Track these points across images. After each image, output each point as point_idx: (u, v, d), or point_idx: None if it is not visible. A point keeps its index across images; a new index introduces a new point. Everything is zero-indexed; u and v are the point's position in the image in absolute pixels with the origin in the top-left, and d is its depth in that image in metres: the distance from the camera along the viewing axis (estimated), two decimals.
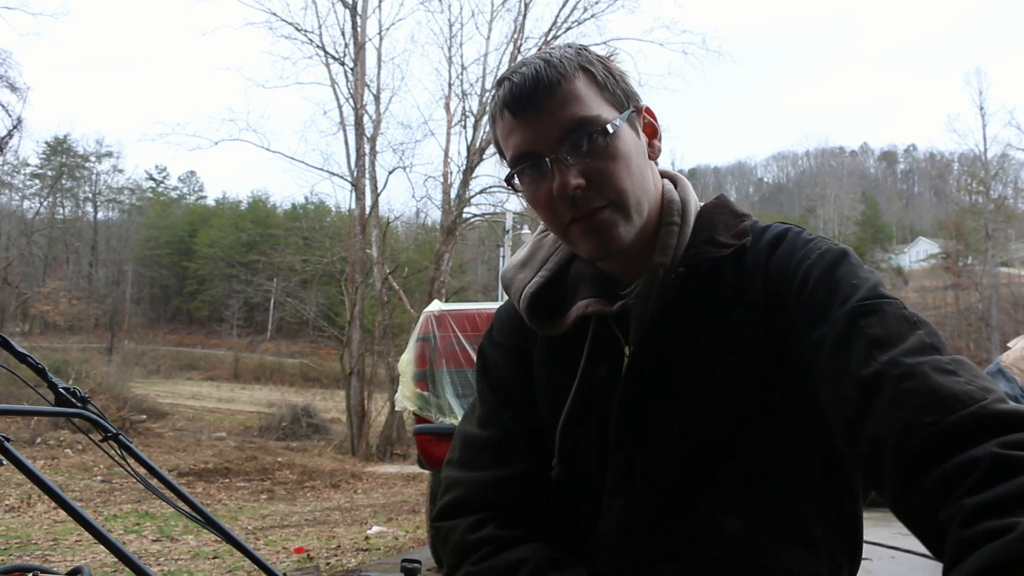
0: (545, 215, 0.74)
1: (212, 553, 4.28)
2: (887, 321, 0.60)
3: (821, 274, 0.66)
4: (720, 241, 0.71)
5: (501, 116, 0.72)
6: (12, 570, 2.05)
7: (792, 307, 0.66)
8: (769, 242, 0.71)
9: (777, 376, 0.65)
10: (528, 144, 0.70)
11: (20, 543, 4.40)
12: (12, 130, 12.54)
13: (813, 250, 0.69)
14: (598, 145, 0.68)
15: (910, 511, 0.50)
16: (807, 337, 0.63)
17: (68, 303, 25.36)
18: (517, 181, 0.74)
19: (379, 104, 14.18)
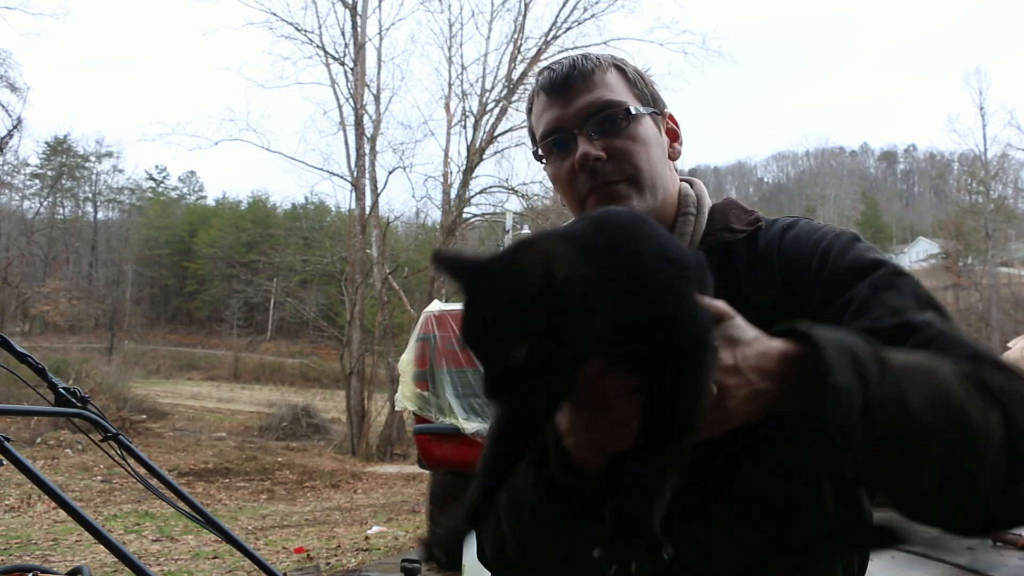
0: (565, 189, 0.77)
1: (212, 553, 4.28)
2: (904, 296, 0.64)
3: (840, 252, 0.69)
4: (734, 228, 0.75)
5: (537, 98, 0.79)
6: (12, 570, 2.06)
7: (813, 282, 0.68)
8: (782, 227, 0.75)
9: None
10: (557, 121, 0.75)
11: (20, 543, 4.40)
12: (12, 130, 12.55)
13: (828, 232, 0.73)
14: (621, 125, 0.74)
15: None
16: (827, 309, 0.65)
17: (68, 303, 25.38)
18: (545, 157, 0.78)
19: (379, 104, 14.18)
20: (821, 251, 0.70)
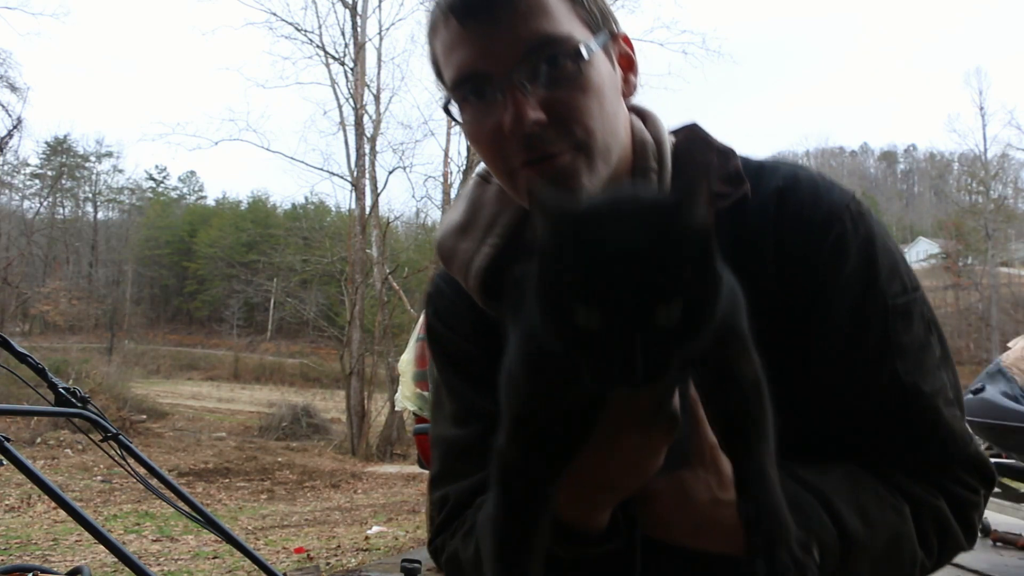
0: (489, 155, 0.60)
1: (212, 553, 4.28)
2: (914, 329, 0.61)
3: (858, 252, 0.59)
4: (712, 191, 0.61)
5: (444, 23, 0.58)
6: (12, 570, 2.06)
7: (817, 288, 0.59)
8: (777, 189, 0.61)
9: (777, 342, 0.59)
10: (476, 62, 0.56)
11: (20, 543, 4.40)
12: (12, 130, 12.55)
13: (840, 210, 0.60)
14: (567, 72, 0.55)
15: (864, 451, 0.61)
16: (831, 314, 0.59)
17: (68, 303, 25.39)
18: (457, 110, 0.60)
19: (379, 104, 14.17)
20: (835, 242, 0.59)
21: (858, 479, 0.58)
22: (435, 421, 0.75)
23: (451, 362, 0.72)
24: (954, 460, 0.61)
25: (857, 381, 0.60)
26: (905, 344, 0.60)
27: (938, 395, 0.61)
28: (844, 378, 0.60)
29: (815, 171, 0.65)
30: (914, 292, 0.62)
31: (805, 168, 0.65)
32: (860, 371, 0.59)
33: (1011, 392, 2.76)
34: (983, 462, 0.63)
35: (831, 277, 0.59)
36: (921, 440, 0.60)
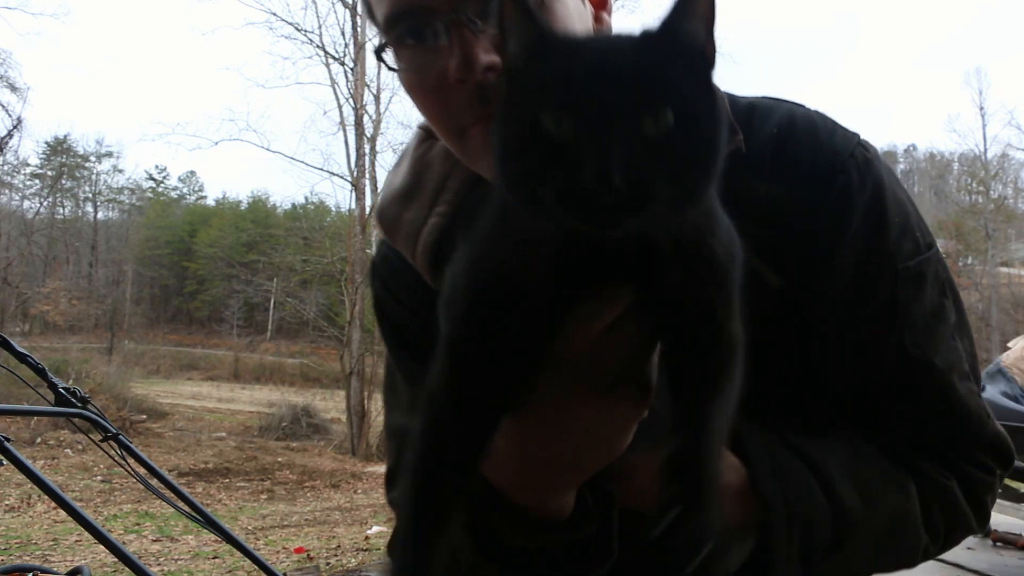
0: (432, 110, 0.53)
1: (212, 553, 4.28)
2: (925, 295, 0.56)
3: (866, 208, 0.54)
4: None
5: None
6: (12, 570, 2.06)
7: (824, 240, 0.53)
8: (770, 138, 0.55)
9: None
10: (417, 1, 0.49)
11: (20, 543, 4.40)
12: (12, 130, 12.56)
13: (844, 159, 0.54)
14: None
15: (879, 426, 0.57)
16: (834, 279, 0.54)
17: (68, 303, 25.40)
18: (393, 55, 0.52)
19: (379, 104, 14.17)
20: (836, 203, 0.52)
21: (861, 453, 0.54)
22: (389, 408, 0.68)
23: (403, 340, 0.65)
24: (968, 439, 0.57)
25: (862, 353, 0.55)
26: (915, 313, 0.55)
27: (952, 369, 0.56)
28: (848, 349, 0.55)
29: (814, 112, 0.57)
30: (928, 251, 0.56)
31: (802, 107, 0.58)
32: (865, 342, 0.54)
33: (1011, 392, 2.76)
34: (1001, 442, 0.59)
35: (834, 237, 0.53)
36: (932, 417, 0.56)
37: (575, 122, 0.35)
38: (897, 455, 0.56)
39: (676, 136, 0.35)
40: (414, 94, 0.53)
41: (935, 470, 0.57)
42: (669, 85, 0.36)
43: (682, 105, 0.35)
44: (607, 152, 0.33)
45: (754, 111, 0.56)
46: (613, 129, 0.34)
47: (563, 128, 0.35)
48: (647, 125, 0.35)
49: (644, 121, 0.35)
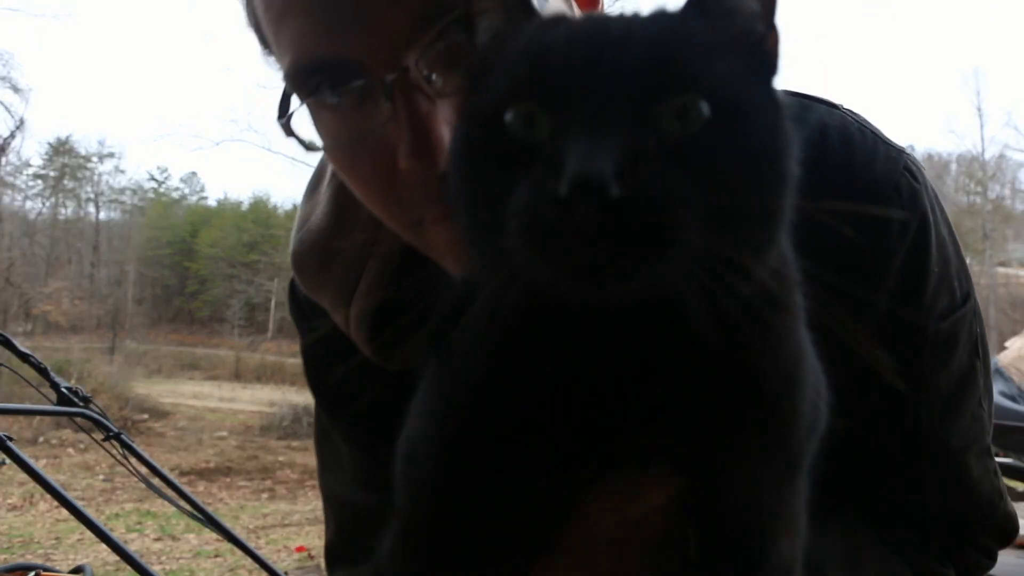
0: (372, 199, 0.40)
1: (214, 552, 4.30)
2: (954, 360, 0.49)
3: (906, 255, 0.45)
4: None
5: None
6: (15, 568, 2.09)
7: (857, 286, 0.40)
8: (820, 135, 0.45)
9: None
10: (331, 46, 0.34)
11: (23, 542, 4.42)
12: (15, 131, 12.60)
13: (887, 190, 0.44)
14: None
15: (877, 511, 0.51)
16: (865, 308, 0.44)
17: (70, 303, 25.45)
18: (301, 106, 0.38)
19: None
20: (872, 246, 0.44)
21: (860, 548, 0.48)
22: (324, 465, 0.58)
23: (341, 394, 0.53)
24: (975, 525, 0.53)
25: (870, 429, 0.47)
26: (940, 383, 0.48)
27: (968, 449, 0.51)
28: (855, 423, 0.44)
29: (852, 120, 0.46)
30: (964, 304, 0.49)
31: (838, 113, 0.46)
32: (876, 416, 0.47)
33: (1009, 391, 2.78)
34: (1009, 523, 0.55)
35: (865, 290, 0.42)
36: (940, 503, 0.51)
37: (552, 116, 0.24)
38: (897, 543, 0.50)
39: (715, 139, 0.23)
40: (341, 171, 0.39)
41: (935, 561, 0.51)
42: (703, 65, 0.24)
43: (724, 96, 0.24)
44: (596, 150, 0.21)
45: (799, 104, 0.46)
46: (610, 121, 0.22)
47: (535, 127, 0.24)
48: (665, 118, 0.23)
49: (660, 111, 0.23)
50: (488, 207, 0.25)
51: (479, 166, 0.26)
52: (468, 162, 0.26)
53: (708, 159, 0.23)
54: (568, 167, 0.22)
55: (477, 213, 0.26)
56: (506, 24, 0.28)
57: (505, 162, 0.25)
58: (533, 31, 0.27)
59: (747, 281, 0.25)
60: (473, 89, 0.28)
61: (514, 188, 0.24)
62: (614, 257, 0.22)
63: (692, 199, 0.22)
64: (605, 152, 0.21)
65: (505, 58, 0.26)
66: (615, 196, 0.21)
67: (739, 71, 0.25)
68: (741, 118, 0.25)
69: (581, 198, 0.21)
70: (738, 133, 0.24)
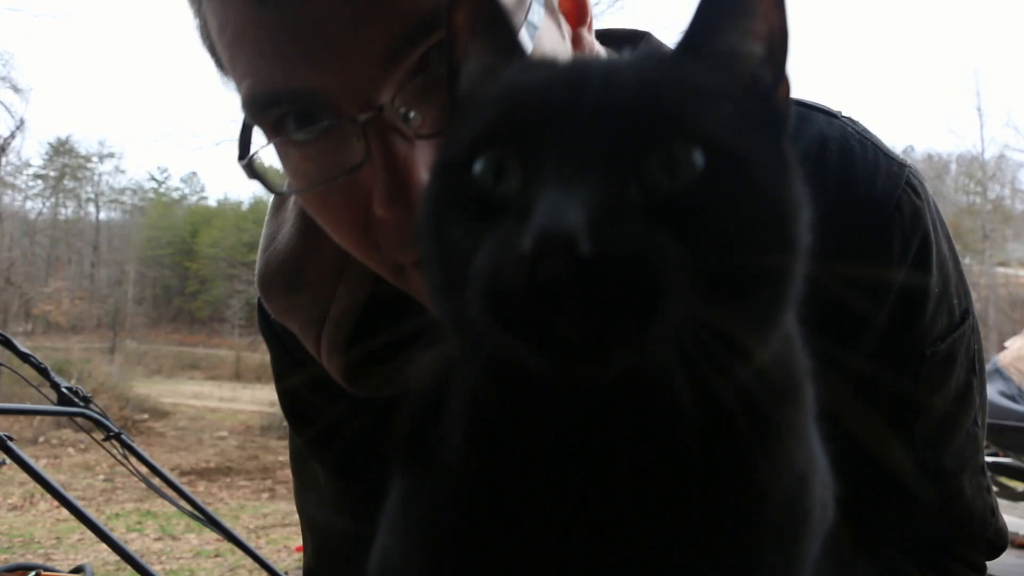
0: (346, 241, 0.37)
1: (214, 552, 4.30)
2: (951, 381, 0.47)
3: (906, 281, 0.44)
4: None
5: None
6: (15, 568, 2.09)
7: (856, 309, 0.42)
8: (819, 149, 0.43)
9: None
10: (301, 80, 0.31)
11: (23, 541, 4.43)
12: (15, 131, 12.62)
13: (888, 210, 0.42)
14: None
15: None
16: (855, 358, 0.42)
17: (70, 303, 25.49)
18: (275, 144, 0.35)
19: None
20: (875, 266, 0.42)
21: (844, 568, 0.45)
22: (301, 486, 0.56)
23: (315, 420, 0.51)
24: (966, 542, 0.53)
25: (863, 439, 0.44)
26: (935, 404, 0.47)
27: (963, 470, 0.50)
28: (849, 434, 0.42)
29: (852, 132, 0.44)
30: (963, 321, 0.48)
31: (837, 124, 0.44)
32: (867, 437, 0.44)
33: (1008, 391, 2.78)
34: (1000, 538, 0.55)
35: (863, 313, 0.43)
36: (931, 522, 0.50)
37: (524, 166, 0.21)
38: (887, 562, 0.49)
39: (709, 194, 0.21)
40: (313, 213, 0.36)
41: (924, 574, 0.51)
42: (696, 109, 0.22)
43: (721, 144, 0.21)
44: (567, 200, 0.19)
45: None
46: (587, 170, 0.20)
47: (506, 178, 0.22)
48: (652, 168, 0.21)
49: (646, 160, 0.21)
50: (454, 269, 0.22)
51: (446, 222, 0.24)
52: (435, 217, 0.24)
53: (701, 216, 0.20)
54: (534, 219, 0.19)
55: (443, 276, 0.23)
56: (491, 67, 0.26)
57: (473, 218, 0.22)
58: (512, 73, 0.25)
59: (744, 364, 0.21)
60: (447, 136, 0.26)
61: (477, 246, 0.22)
62: (586, 327, 0.19)
63: (680, 261, 0.19)
64: (578, 202, 0.19)
65: (479, 102, 0.24)
66: (586, 253, 0.18)
67: (740, 119, 0.23)
68: (741, 170, 0.22)
69: (547, 254, 0.18)
70: (737, 188, 0.21)
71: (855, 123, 0.46)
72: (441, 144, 0.26)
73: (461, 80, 0.26)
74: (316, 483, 0.54)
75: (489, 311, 0.20)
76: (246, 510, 6.50)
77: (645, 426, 0.23)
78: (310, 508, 0.57)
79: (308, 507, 0.57)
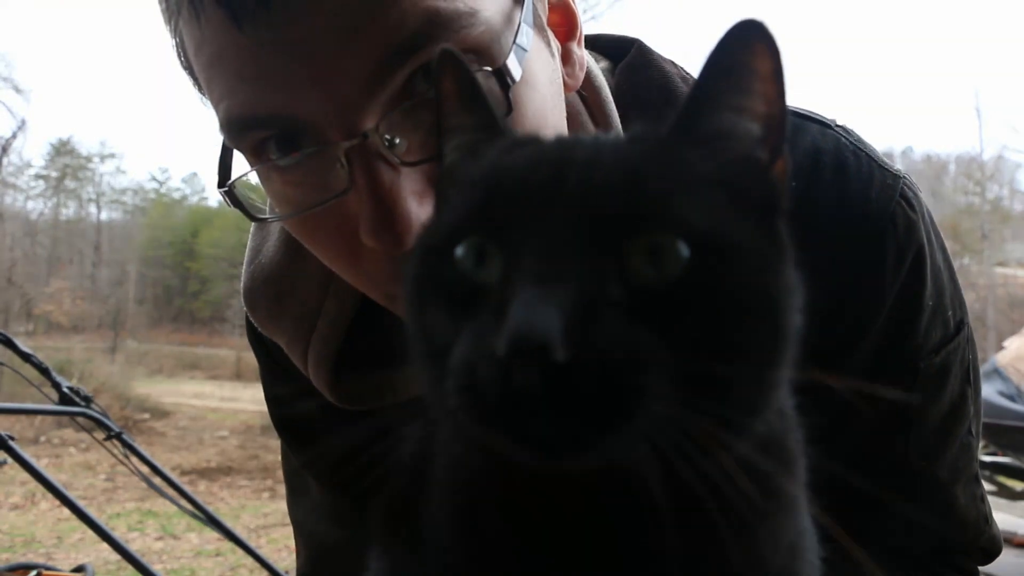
0: (336, 265, 0.37)
1: (215, 551, 4.32)
2: (945, 393, 0.47)
3: (900, 294, 0.44)
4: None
5: (199, 18, 0.30)
6: (17, 567, 2.11)
7: (849, 322, 0.43)
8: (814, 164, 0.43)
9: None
10: (280, 105, 0.30)
11: (25, 541, 4.44)
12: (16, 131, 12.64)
13: (882, 222, 0.42)
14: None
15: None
16: (848, 371, 0.44)
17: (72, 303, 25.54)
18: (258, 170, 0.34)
19: None
20: (869, 281, 0.42)
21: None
22: (292, 492, 0.57)
23: (304, 433, 0.52)
24: (960, 550, 0.53)
25: (855, 460, 0.42)
26: (930, 415, 0.47)
27: (957, 481, 0.50)
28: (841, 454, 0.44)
29: (846, 143, 0.43)
30: (958, 333, 0.48)
31: (831, 135, 0.44)
32: (862, 448, 0.43)
33: (1007, 391, 2.78)
34: (993, 546, 0.55)
35: (856, 326, 0.42)
36: (925, 531, 0.50)
37: (504, 254, 0.21)
38: (881, 567, 0.47)
39: (695, 288, 0.20)
40: (301, 239, 0.35)
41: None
42: (682, 197, 0.21)
43: (708, 235, 0.20)
44: (543, 301, 0.18)
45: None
46: (565, 264, 0.19)
47: (487, 266, 0.21)
48: (634, 260, 0.20)
49: (628, 252, 0.20)
50: (435, 354, 0.22)
51: (428, 305, 0.23)
52: (417, 299, 0.24)
53: (684, 312, 0.20)
54: (509, 321, 0.19)
55: (425, 359, 0.23)
56: (471, 145, 0.25)
57: (454, 303, 0.22)
58: (496, 153, 0.24)
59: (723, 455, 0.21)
60: (432, 219, 0.26)
61: (455, 336, 0.21)
62: (559, 429, 0.19)
63: (660, 361, 0.19)
64: (553, 304, 0.18)
65: (461, 184, 0.24)
66: (560, 359, 0.18)
67: (730, 205, 0.22)
68: (729, 263, 0.21)
69: (521, 360, 0.18)
70: (724, 281, 0.21)
71: (849, 133, 0.46)
72: (425, 227, 0.25)
73: (447, 156, 0.26)
74: (308, 490, 0.55)
75: (464, 408, 0.20)
76: (247, 509, 6.52)
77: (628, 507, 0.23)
78: (301, 513, 0.58)
79: (299, 512, 0.58)
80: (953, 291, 0.49)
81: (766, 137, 0.25)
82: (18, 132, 12.94)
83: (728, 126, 0.24)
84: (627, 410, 0.19)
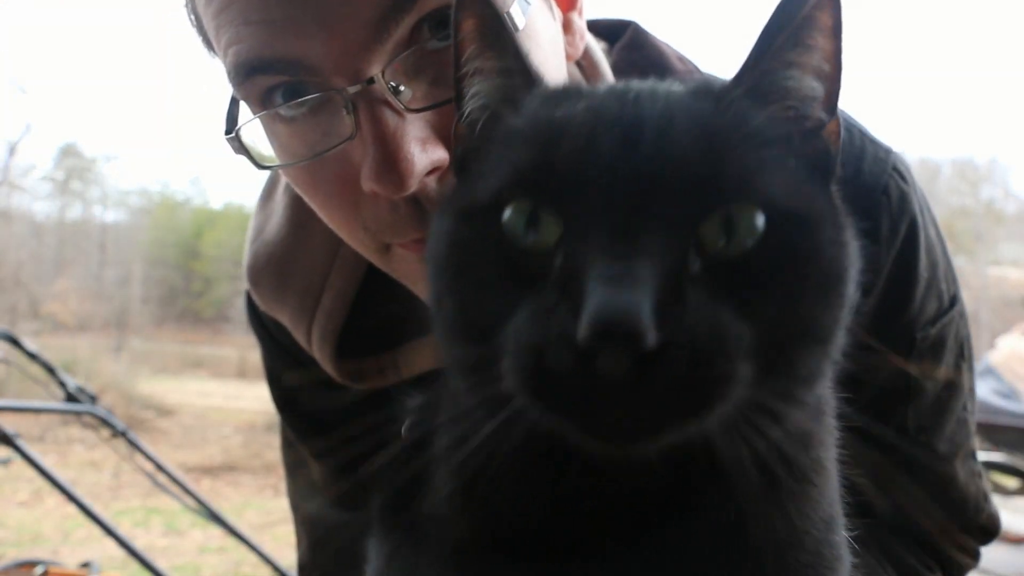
0: (333, 218, 0.37)
1: (219, 548, 4.36)
2: (941, 365, 0.48)
3: (894, 267, 0.43)
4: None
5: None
6: (23, 564, 2.15)
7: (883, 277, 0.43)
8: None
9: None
10: (287, 47, 0.30)
11: (31, 537, 4.50)
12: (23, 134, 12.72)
13: (875, 195, 0.42)
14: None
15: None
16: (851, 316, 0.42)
17: (78, 303, 25.62)
18: (262, 118, 0.34)
19: None
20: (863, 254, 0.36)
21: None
22: (292, 476, 0.56)
23: (307, 413, 0.51)
24: (960, 527, 0.54)
25: (854, 436, 0.43)
26: (926, 389, 0.47)
27: (955, 455, 0.50)
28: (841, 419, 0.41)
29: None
30: (951, 307, 0.48)
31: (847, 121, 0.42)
32: (860, 423, 0.41)
33: (1001, 390, 2.80)
34: (993, 523, 0.56)
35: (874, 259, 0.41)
36: (925, 506, 0.51)
37: (565, 221, 0.19)
38: (882, 544, 0.49)
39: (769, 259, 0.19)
40: (300, 189, 0.35)
41: (920, 561, 0.51)
42: (759, 166, 0.20)
43: (783, 204, 0.19)
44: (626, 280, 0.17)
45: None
46: (644, 238, 0.18)
47: (542, 231, 0.20)
48: (707, 229, 0.19)
49: (705, 226, 0.19)
50: (481, 328, 0.20)
51: (470, 273, 0.21)
52: (453, 269, 0.21)
53: (760, 286, 0.19)
54: (589, 303, 0.17)
55: (465, 331, 0.21)
56: (502, 92, 0.23)
57: (502, 273, 0.20)
58: (540, 105, 0.22)
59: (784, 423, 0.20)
60: (460, 174, 0.24)
61: (513, 310, 0.19)
62: (645, 415, 0.18)
63: (744, 341, 0.18)
64: (639, 283, 0.17)
65: (503, 138, 0.22)
66: (652, 346, 0.16)
67: (799, 171, 0.21)
68: (802, 232, 0.20)
69: (608, 347, 0.17)
70: (799, 252, 0.20)
71: (841, 110, 0.48)
72: (460, 185, 0.24)
73: (465, 102, 0.24)
74: (308, 476, 0.55)
75: (532, 391, 0.18)
76: (251, 506, 6.56)
77: (677, 487, 0.22)
78: (301, 497, 0.58)
79: (299, 495, 0.59)
80: (946, 265, 0.49)
81: (825, 96, 0.24)
82: (25, 135, 13.03)
83: (793, 84, 0.23)
84: (718, 397, 0.18)
